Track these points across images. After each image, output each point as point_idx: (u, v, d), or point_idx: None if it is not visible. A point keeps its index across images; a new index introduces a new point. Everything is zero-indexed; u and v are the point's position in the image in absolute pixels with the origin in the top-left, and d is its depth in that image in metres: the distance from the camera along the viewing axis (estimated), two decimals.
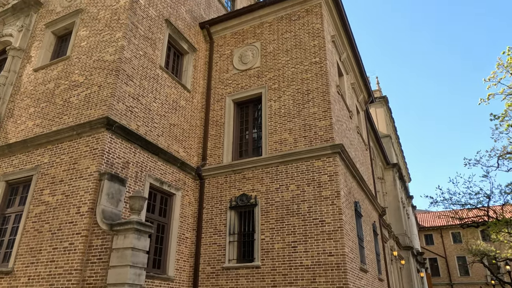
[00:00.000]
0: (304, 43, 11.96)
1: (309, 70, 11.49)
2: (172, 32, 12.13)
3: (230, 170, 11.26)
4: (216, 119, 12.45)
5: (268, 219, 10.18)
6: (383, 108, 28.80)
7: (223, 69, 13.16)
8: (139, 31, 10.62)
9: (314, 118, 10.78)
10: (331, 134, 10.30)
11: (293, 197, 10.09)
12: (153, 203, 10.08)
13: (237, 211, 10.83)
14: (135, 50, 10.31)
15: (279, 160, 10.64)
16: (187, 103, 12.22)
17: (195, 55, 13.18)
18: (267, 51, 12.55)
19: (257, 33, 13.07)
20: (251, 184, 10.83)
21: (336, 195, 9.59)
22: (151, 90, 10.64)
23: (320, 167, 10.10)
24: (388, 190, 25.98)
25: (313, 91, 11.12)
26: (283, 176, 10.50)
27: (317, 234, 9.42)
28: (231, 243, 10.46)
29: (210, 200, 11.28)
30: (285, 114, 11.28)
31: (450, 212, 25.39)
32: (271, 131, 11.28)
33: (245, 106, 12.55)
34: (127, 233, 7.37)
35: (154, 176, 10.00)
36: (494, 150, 23.73)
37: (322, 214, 9.55)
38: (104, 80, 9.57)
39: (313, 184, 9.99)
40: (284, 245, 9.68)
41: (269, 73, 12.14)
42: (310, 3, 12.41)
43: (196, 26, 13.71)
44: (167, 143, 10.87)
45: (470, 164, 24.80)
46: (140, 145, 9.66)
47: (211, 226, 10.91)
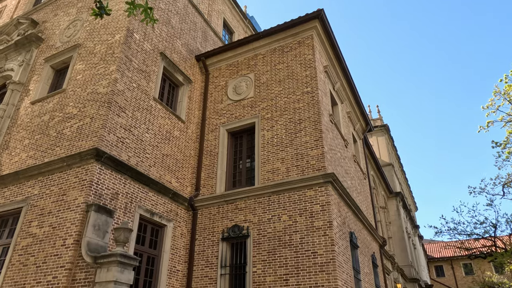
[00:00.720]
0: (296, 73, 12.14)
1: (301, 100, 11.58)
2: (167, 64, 12.40)
3: (222, 201, 11.16)
4: (210, 149, 12.48)
5: (260, 250, 9.96)
6: (384, 136, 28.73)
7: (218, 99, 13.33)
8: (133, 64, 10.88)
9: (306, 147, 10.75)
10: (323, 163, 10.23)
11: (285, 228, 9.91)
12: (143, 234, 9.94)
13: (229, 242, 10.62)
14: (129, 82, 10.52)
15: (272, 189, 10.54)
16: (181, 133, 12.30)
17: (191, 86, 13.41)
18: (260, 82, 12.73)
19: (251, 65, 13.32)
20: (244, 215, 10.68)
21: (329, 226, 9.39)
22: (144, 121, 10.76)
23: (312, 196, 9.97)
24: (391, 220, 25.45)
25: (305, 120, 11.16)
26: (275, 206, 10.36)
27: (309, 266, 9.15)
28: (222, 276, 10.19)
29: (202, 232, 11.10)
30: (278, 143, 11.28)
31: (456, 243, 24.65)
32: (263, 161, 11.24)
33: (239, 136, 12.60)
34: (110, 266, 7.22)
35: (144, 207, 9.92)
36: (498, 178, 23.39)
37: (314, 245, 9.32)
38: (96, 112, 9.72)
39: (305, 214, 9.83)
40: (276, 278, 9.40)
41: (262, 103, 12.26)
42: (302, 35, 12.70)
43: (192, 58, 14.03)
44: (159, 174, 10.86)
45: (475, 192, 24.42)
46: (131, 176, 9.65)
47: (203, 258, 10.68)
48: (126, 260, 7.33)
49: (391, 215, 25.61)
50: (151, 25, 12.06)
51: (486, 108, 19.76)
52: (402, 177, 36.12)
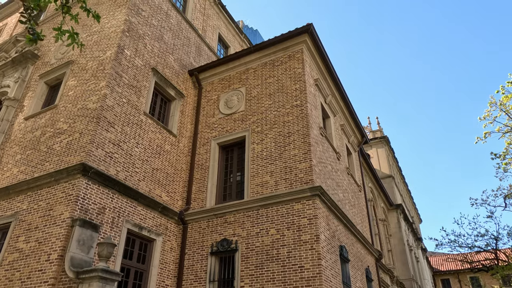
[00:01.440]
0: (286, 87, 12.23)
1: (290, 113, 11.64)
2: (159, 79, 12.58)
3: (212, 214, 11.16)
4: (201, 163, 12.54)
5: (248, 265, 9.90)
6: (384, 148, 28.62)
7: (210, 113, 13.45)
8: (123, 80, 11.05)
9: (294, 160, 10.77)
10: (311, 176, 10.23)
11: (273, 242, 9.86)
12: (131, 249, 9.95)
13: (218, 257, 10.58)
14: (118, 97, 10.68)
15: (260, 203, 10.53)
16: (173, 147, 12.39)
17: (183, 100, 13.55)
18: (251, 96, 12.84)
19: (242, 79, 13.46)
20: (233, 229, 10.66)
21: (316, 239, 9.34)
22: (133, 135, 10.87)
23: (299, 210, 9.94)
24: (392, 233, 25.15)
25: (294, 134, 11.20)
26: (263, 220, 10.33)
27: (296, 281, 9.07)
28: None
29: (192, 246, 11.09)
30: (267, 157, 11.31)
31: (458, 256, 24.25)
32: (253, 174, 11.26)
33: (230, 149, 12.66)
34: (92, 281, 7.24)
35: (132, 222, 9.95)
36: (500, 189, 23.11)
37: (301, 260, 9.26)
38: (85, 127, 9.85)
39: (293, 228, 9.79)
40: None
41: (253, 116, 12.34)
42: (292, 49, 12.83)
43: (185, 73, 14.21)
44: (149, 188, 10.91)
45: (477, 204, 24.13)
46: (118, 190, 9.72)
47: (192, 273, 10.63)
48: (108, 276, 7.33)
49: (391, 228, 25.32)
50: (142, 42, 12.28)
51: (483, 119, 19.66)
52: (404, 189, 35.81)
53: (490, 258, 21.44)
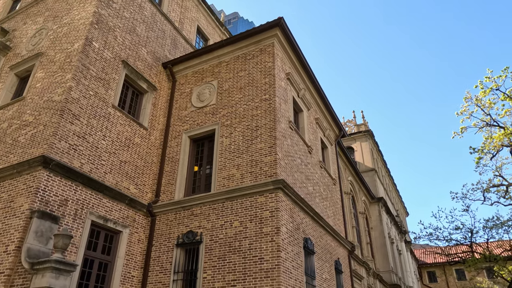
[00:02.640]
0: (256, 81, 12.29)
1: (259, 107, 11.72)
2: (130, 72, 12.57)
3: (180, 207, 11.27)
4: (172, 156, 12.61)
5: (211, 256, 10.05)
6: (368, 142, 28.82)
7: (182, 106, 13.49)
8: (91, 72, 11.05)
9: (260, 154, 10.87)
10: (275, 170, 10.34)
11: (235, 234, 10.00)
12: (95, 240, 10.04)
13: (184, 248, 10.72)
14: (85, 90, 10.68)
15: (226, 196, 10.64)
16: (143, 140, 12.44)
17: (156, 93, 13.57)
18: (223, 89, 12.88)
19: (215, 72, 13.48)
20: (198, 221, 10.79)
21: (276, 232, 9.48)
22: (100, 128, 10.90)
23: (262, 203, 10.07)
24: (373, 225, 25.47)
25: (261, 127, 11.29)
26: (228, 212, 10.46)
27: (256, 272, 9.24)
28: (175, 281, 10.28)
29: (159, 238, 11.21)
30: (235, 150, 11.40)
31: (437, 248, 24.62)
32: (220, 167, 11.37)
33: (201, 142, 12.73)
34: (45, 272, 7.34)
35: (97, 214, 10.03)
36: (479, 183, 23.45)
37: (262, 251, 9.41)
38: (49, 119, 9.87)
39: (255, 220, 9.93)
40: (224, 284, 9.49)
41: (223, 110, 12.41)
42: (264, 43, 12.86)
43: (158, 66, 14.20)
44: (116, 180, 10.98)
45: (457, 197, 24.47)
46: (82, 183, 9.77)
47: (158, 264, 10.77)
48: (62, 266, 7.44)
49: (373, 221, 25.63)
50: (113, 34, 12.25)
51: (460, 114, 19.92)
52: (389, 182, 36.14)
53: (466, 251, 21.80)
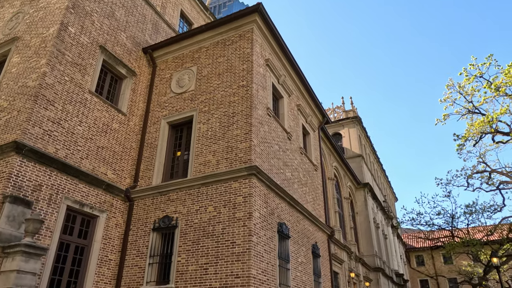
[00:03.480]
0: (235, 67, 12.30)
1: (236, 93, 11.76)
2: (108, 57, 12.52)
3: (157, 192, 11.41)
4: (150, 141, 12.68)
5: (185, 240, 10.25)
6: (356, 128, 28.98)
7: (162, 92, 13.49)
8: (66, 58, 11.00)
9: (236, 140, 10.98)
10: (250, 156, 10.47)
11: (210, 219, 10.19)
12: (71, 225, 10.19)
13: (160, 233, 10.91)
14: (60, 76, 10.66)
15: (201, 181, 10.79)
16: (121, 126, 12.49)
17: (135, 79, 13.54)
18: (202, 75, 12.89)
19: (195, 58, 13.45)
20: (175, 206, 10.96)
21: (248, 217, 9.67)
22: (76, 114, 10.93)
23: (236, 188, 10.23)
24: (359, 210, 25.87)
25: (238, 114, 11.36)
26: (203, 197, 10.63)
27: (227, 255, 9.46)
28: (151, 265, 10.50)
29: (136, 222, 11.38)
30: (212, 136, 11.49)
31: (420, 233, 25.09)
32: (197, 153, 11.47)
33: (180, 128, 12.80)
34: (16, 256, 7.49)
35: (73, 199, 10.15)
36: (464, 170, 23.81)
37: (234, 236, 9.62)
38: (23, 105, 9.88)
39: (229, 205, 10.10)
40: (197, 267, 9.72)
41: (202, 96, 12.44)
42: (243, 29, 12.81)
43: (138, 51, 14.13)
44: (93, 166, 11.07)
45: (442, 184, 24.84)
46: (57, 168, 9.86)
47: (135, 248, 10.97)
48: (31, 250, 7.59)
49: (358, 206, 26.02)
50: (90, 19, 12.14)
51: (444, 101, 20.09)
52: (378, 168, 36.50)
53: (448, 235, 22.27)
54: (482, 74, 18.19)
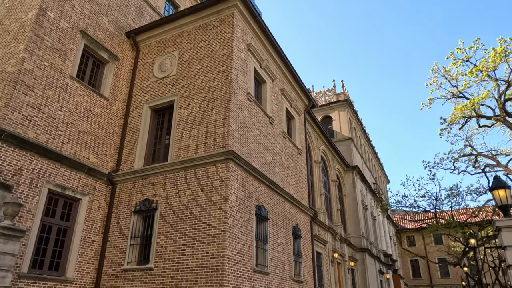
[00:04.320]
0: (215, 52, 12.37)
1: (216, 79, 11.89)
2: (89, 42, 12.56)
3: (138, 176, 11.68)
4: (133, 126, 12.87)
5: (165, 223, 10.59)
6: (346, 111, 29.13)
7: (145, 76, 13.59)
8: (46, 43, 11.05)
9: (214, 125, 11.18)
10: (227, 141, 10.69)
11: (188, 202, 10.49)
12: (53, 208, 10.48)
13: (141, 215, 11.23)
14: (39, 61, 10.75)
15: (181, 166, 11.04)
16: (104, 110, 12.64)
17: (118, 63, 13.61)
18: (183, 60, 12.96)
19: (177, 42, 13.50)
20: (155, 189, 11.24)
21: (224, 200, 9.97)
22: (57, 99, 11.07)
23: (214, 172, 10.50)
24: (347, 193, 26.32)
25: (217, 99, 11.52)
26: (182, 181, 10.90)
27: (204, 237, 9.81)
28: (131, 246, 10.86)
29: (119, 205, 11.69)
30: (191, 121, 11.68)
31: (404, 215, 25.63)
32: (177, 138, 11.69)
33: (162, 113, 12.97)
34: None
35: (54, 182, 10.41)
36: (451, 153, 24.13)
37: (210, 218, 9.94)
38: (2, 91, 10.01)
39: (206, 189, 10.39)
40: (175, 248, 10.08)
41: (183, 81, 12.56)
42: (224, 13, 12.82)
43: (121, 35, 14.14)
44: (74, 150, 11.29)
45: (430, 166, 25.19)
46: (37, 152, 10.08)
47: (117, 229, 11.32)
48: (10, 232, 7.89)
49: (346, 188, 26.45)
50: (70, 3, 12.12)
51: (430, 85, 20.20)
52: (369, 150, 36.82)
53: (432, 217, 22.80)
54: (469, 58, 18.24)
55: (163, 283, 9.83)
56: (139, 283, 10.18)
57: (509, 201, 7.70)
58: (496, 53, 15.33)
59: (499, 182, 7.71)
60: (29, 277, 9.28)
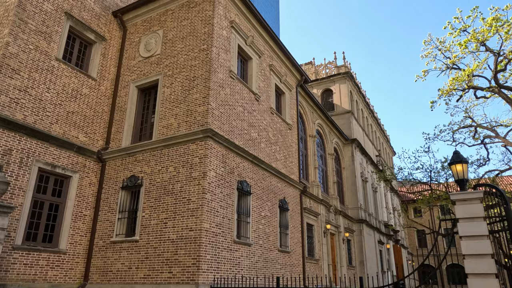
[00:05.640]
0: (197, 30, 12.51)
1: (197, 57, 12.09)
2: (75, 24, 12.82)
3: (125, 153, 12.20)
4: (121, 105, 13.29)
5: (149, 198, 11.16)
6: (347, 84, 28.90)
7: (131, 56, 13.86)
8: (30, 26, 11.38)
9: (195, 104, 11.49)
10: (206, 119, 11.03)
11: (170, 178, 11.00)
12: (44, 185, 11.13)
13: (128, 191, 11.83)
14: (24, 45, 11.11)
15: (164, 143, 11.48)
16: (92, 90, 13.05)
17: (105, 43, 13.88)
18: (167, 38, 13.15)
19: (161, 21, 13.63)
20: (140, 166, 11.77)
21: (203, 176, 10.43)
22: (43, 81, 11.50)
23: (194, 150, 10.91)
24: (346, 166, 26.58)
25: (198, 78, 11.77)
26: (165, 158, 11.37)
27: (184, 211, 10.35)
28: (119, 219, 11.53)
29: (108, 181, 12.30)
30: (174, 100, 12.01)
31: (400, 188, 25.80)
32: (161, 116, 12.07)
33: (148, 92, 13.32)
34: None
35: (44, 161, 11.01)
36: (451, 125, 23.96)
37: (190, 193, 10.45)
38: None
39: (187, 166, 10.85)
40: (158, 221, 10.68)
41: (167, 60, 12.80)
42: None
43: (108, 15, 14.33)
44: (63, 130, 11.81)
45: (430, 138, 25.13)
46: (26, 133, 10.62)
47: (107, 204, 11.97)
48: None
49: (345, 161, 26.69)
50: None
51: (425, 57, 19.87)
52: (373, 123, 36.66)
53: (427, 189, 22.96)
54: (467, 28, 17.85)
55: (147, 254, 10.50)
56: (126, 254, 10.89)
57: (465, 175, 7.92)
58: (487, 24, 14.97)
59: (458, 157, 7.91)
60: (23, 248, 10.05)
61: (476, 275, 6.87)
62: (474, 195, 7.32)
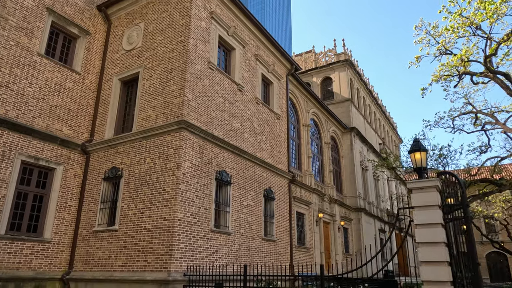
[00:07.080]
0: (175, 22, 12.58)
1: (175, 49, 12.19)
2: (57, 19, 13.05)
3: (107, 145, 12.49)
4: (104, 98, 13.54)
5: (128, 188, 11.44)
6: (346, 71, 28.54)
7: (115, 49, 14.05)
8: (10, 23, 11.65)
9: (172, 96, 11.64)
10: (182, 111, 11.17)
11: (147, 169, 11.23)
12: (28, 177, 11.51)
13: (109, 182, 12.14)
14: (4, 41, 11.40)
15: (142, 135, 11.70)
16: (76, 84, 13.32)
17: (89, 38, 14.10)
18: (148, 31, 13.27)
19: (143, 13, 13.75)
20: (121, 158, 12.04)
21: (177, 167, 10.62)
22: (25, 76, 11.80)
23: (169, 141, 11.10)
24: (344, 154, 26.45)
25: (175, 70, 11.89)
26: (143, 150, 11.60)
27: (159, 201, 10.59)
28: (101, 210, 11.87)
29: (92, 173, 12.63)
30: (153, 92, 12.19)
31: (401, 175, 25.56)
32: (141, 109, 12.28)
33: (130, 85, 13.52)
34: None
35: (27, 154, 11.37)
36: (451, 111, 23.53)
37: (165, 184, 10.67)
38: None
39: (163, 157, 11.05)
40: (136, 211, 10.96)
41: (147, 52, 12.94)
42: None
43: (92, 9, 14.51)
44: (46, 124, 12.14)
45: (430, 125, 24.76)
46: (8, 127, 10.98)
47: (90, 195, 12.33)
48: None
49: (344, 150, 26.55)
50: None
51: (419, 43, 19.46)
52: (376, 110, 36.20)
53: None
54: (462, 11, 17.40)
55: (125, 242, 10.82)
56: (107, 243, 11.24)
57: (424, 163, 7.88)
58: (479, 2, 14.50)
59: (417, 145, 7.86)
60: (7, 238, 10.49)
61: (428, 263, 6.87)
62: (429, 183, 7.29)
